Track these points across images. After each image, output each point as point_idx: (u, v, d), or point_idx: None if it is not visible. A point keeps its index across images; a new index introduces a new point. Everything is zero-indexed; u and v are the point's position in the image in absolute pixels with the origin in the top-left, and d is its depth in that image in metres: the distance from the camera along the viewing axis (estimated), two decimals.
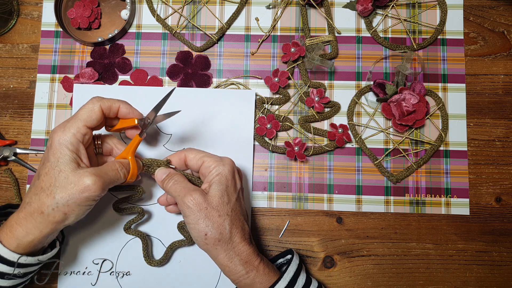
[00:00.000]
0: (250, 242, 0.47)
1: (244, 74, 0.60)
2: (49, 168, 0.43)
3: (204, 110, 0.58)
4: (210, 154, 0.48)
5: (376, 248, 0.57)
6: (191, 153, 0.49)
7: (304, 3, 0.60)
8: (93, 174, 0.43)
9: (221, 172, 0.46)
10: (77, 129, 0.44)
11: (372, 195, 0.58)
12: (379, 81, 0.58)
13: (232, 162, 0.48)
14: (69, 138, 0.43)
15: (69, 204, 0.42)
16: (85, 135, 0.44)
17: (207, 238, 0.44)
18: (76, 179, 0.42)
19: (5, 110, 0.60)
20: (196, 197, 0.44)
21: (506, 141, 0.59)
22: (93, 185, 0.42)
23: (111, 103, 0.46)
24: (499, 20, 0.61)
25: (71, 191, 0.42)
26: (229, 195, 0.46)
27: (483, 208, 0.58)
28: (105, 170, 0.44)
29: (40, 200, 0.42)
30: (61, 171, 0.42)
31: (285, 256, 0.53)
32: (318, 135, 0.59)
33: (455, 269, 0.57)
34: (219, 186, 0.46)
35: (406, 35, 0.61)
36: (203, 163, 0.47)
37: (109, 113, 0.47)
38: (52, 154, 0.43)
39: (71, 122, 0.44)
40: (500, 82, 0.60)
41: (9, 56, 0.61)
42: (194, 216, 0.44)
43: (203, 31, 0.61)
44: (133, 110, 0.48)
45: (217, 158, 0.48)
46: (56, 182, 0.42)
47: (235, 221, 0.46)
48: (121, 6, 0.62)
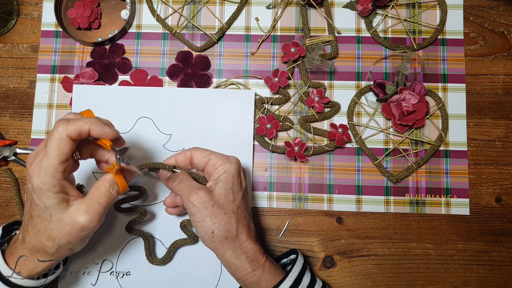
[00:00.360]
0: (256, 240, 0.47)
1: (244, 74, 0.60)
2: (39, 212, 0.41)
3: (203, 110, 0.58)
4: (216, 153, 0.48)
5: (376, 248, 0.57)
6: (197, 151, 0.49)
7: (304, 3, 0.60)
8: (86, 212, 0.41)
9: (227, 170, 0.46)
10: (53, 169, 0.40)
11: (372, 195, 0.58)
12: (379, 81, 0.58)
13: (238, 161, 0.48)
14: (49, 181, 0.40)
15: (71, 242, 0.42)
16: (64, 170, 0.41)
17: (214, 235, 0.45)
18: (70, 220, 0.41)
19: (5, 110, 0.60)
20: (202, 195, 0.44)
21: (506, 141, 0.59)
22: (90, 223, 0.41)
23: (79, 127, 0.41)
24: (499, 20, 0.61)
25: (69, 233, 0.41)
26: (235, 193, 0.46)
27: (483, 208, 0.58)
28: (96, 198, 0.42)
29: (41, 242, 0.42)
30: (53, 214, 0.41)
31: (288, 256, 0.53)
32: (318, 135, 0.59)
33: (455, 269, 0.57)
34: (225, 184, 0.46)
35: (406, 35, 0.61)
36: (209, 161, 0.47)
37: (80, 137, 0.41)
38: (37, 198, 0.41)
39: (45, 162, 0.40)
40: (500, 82, 0.60)
41: (9, 56, 0.61)
42: (200, 214, 0.44)
43: (203, 31, 0.61)
44: (105, 130, 0.42)
45: (223, 156, 0.48)
46: (51, 225, 0.41)
47: (241, 219, 0.46)
48: (121, 6, 0.62)
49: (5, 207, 0.58)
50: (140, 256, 0.55)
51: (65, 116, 0.43)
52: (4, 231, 0.48)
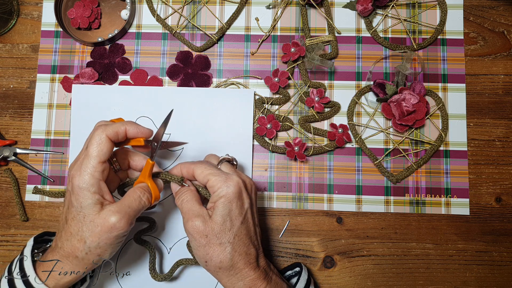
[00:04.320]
0: (256, 266, 0.45)
1: (244, 74, 0.60)
2: (74, 214, 0.43)
3: (202, 109, 0.58)
4: (216, 172, 0.46)
5: (376, 248, 0.57)
6: (198, 169, 0.47)
7: (304, 3, 0.60)
8: (116, 212, 0.42)
9: (225, 194, 0.44)
10: (93, 168, 0.42)
11: (372, 195, 0.58)
12: (379, 81, 0.58)
13: (239, 181, 0.45)
14: (88, 181, 0.42)
15: (101, 246, 0.42)
16: (103, 171, 0.43)
17: (207, 265, 0.45)
18: (102, 221, 0.42)
19: (5, 110, 0.60)
20: (197, 224, 0.44)
21: (506, 141, 0.59)
22: (119, 223, 0.42)
23: (117, 128, 0.44)
24: (499, 20, 0.61)
25: (99, 234, 0.42)
26: (233, 220, 0.44)
27: (483, 208, 0.58)
28: (127, 203, 0.43)
29: (72, 245, 0.43)
30: (86, 216, 0.42)
31: (293, 269, 0.53)
32: (318, 135, 0.59)
33: (455, 269, 0.57)
34: (222, 210, 0.44)
35: (406, 35, 0.61)
36: (208, 182, 0.46)
37: (118, 138, 0.45)
38: (74, 199, 0.42)
39: (86, 163, 0.43)
40: (500, 82, 0.60)
41: (9, 56, 0.61)
42: (195, 242, 0.44)
43: (203, 31, 0.61)
44: (141, 129, 0.46)
45: (222, 178, 0.45)
46: (84, 227, 0.42)
47: (238, 247, 0.44)
48: (121, 6, 0.62)
49: (5, 207, 0.58)
50: (140, 257, 0.55)
51: (99, 123, 0.46)
52: (36, 242, 0.48)
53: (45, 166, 0.59)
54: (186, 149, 0.58)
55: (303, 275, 0.50)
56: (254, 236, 0.46)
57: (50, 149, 0.59)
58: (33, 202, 0.58)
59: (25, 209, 0.58)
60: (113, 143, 0.44)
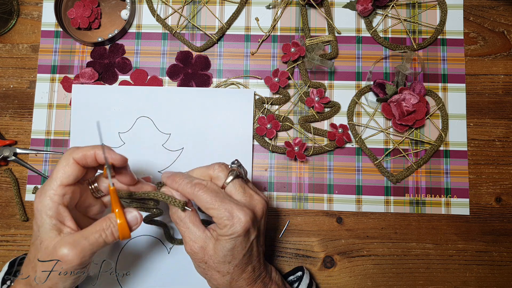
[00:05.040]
0: (254, 282, 0.43)
1: (244, 74, 0.60)
2: (33, 239, 0.40)
3: (202, 109, 0.58)
4: (219, 205, 0.40)
5: (376, 248, 0.57)
6: (199, 201, 0.41)
7: (304, 3, 0.60)
8: (69, 243, 0.38)
9: (232, 233, 0.40)
10: (53, 191, 0.39)
11: (372, 195, 0.58)
12: (379, 81, 0.58)
13: (247, 219, 0.40)
14: (46, 203, 0.39)
15: (50, 278, 0.38)
16: (64, 195, 0.40)
17: (206, 280, 0.44)
18: (53, 249, 0.38)
19: (5, 110, 0.60)
20: (197, 251, 0.42)
21: (506, 141, 0.59)
22: (68, 256, 0.37)
23: (85, 151, 0.40)
24: (499, 20, 0.61)
25: (48, 265, 0.38)
26: (235, 254, 0.41)
27: (483, 208, 0.58)
28: (85, 234, 0.39)
29: (27, 272, 0.40)
30: (42, 241, 0.39)
31: (295, 273, 0.53)
32: (318, 135, 0.59)
33: (455, 269, 0.57)
34: (225, 245, 0.41)
35: (406, 35, 0.61)
36: (213, 218, 0.41)
37: (86, 163, 0.41)
38: (34, 222, 0.40)
39: (47, 184, 0.40)
40: (500, 82, 0.60)
41: (9, 56, 0.61)
42: (194, 263, 0.44)
43: (203, 31, 0.61)
44: (111, 154, 0.41)
45: (227, 215, 0.40)
46: (38, 253, 0.39)
47: (237, 275, 0.42)
48: (121, 6, 0.62)
49: (5, 207, 0.58)
50: (140, 256, 0.55)
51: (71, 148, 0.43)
52: (12, 266, 0.46)
53: (45, 166, 0.59)
54: (186, 149, 0.58)
55: (304, 279, 0.49)
56: (257, 259, 0.44)
57: (50, 149, 0.59)
58: (33, 202, 0.58)
59: (25, 209, 0.58)
60: (81, 167, 0.41)
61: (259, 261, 0.45)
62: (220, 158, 0.57)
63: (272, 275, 0.47)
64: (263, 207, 0.43)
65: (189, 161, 0.57)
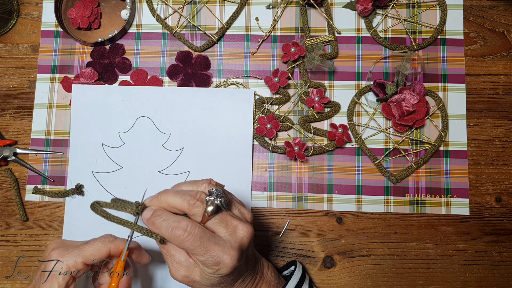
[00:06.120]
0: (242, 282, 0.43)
1: (244, 74, 0.60)
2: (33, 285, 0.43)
3: (202, 109, 0.58)
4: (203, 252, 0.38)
5: (376, 248, 0.57)
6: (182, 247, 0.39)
7: (304, 3, 0.60)
8: None
9: (219, 274, 0.39)
10: (73, 262, 0.42)
11: (372, 195, 0.58)
12: (379, 81, 0.58)
13: (235, 260, 0.39)
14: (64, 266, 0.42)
15: None
16: (80, 270, 0.43)
17: None
18: None
19: (5, 110, 0.60)
20: (181, 280, 0.41)
21: (506, 141, 0.59)
22: None
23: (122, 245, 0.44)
24: (499, 20, 0.61)
25: None
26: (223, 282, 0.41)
27: (483, 208, 0.58)
28: None
29: None
30: None
31: (289, 268, 0.53)
32: (318, 135, 0.59)
33: (455, 269, 0.57)
34: (213, 279, 0.40)
35: (406, 35, 0.61)
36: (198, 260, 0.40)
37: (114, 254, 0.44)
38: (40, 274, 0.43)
39: (73, 252, 0.43)
40: (500, 82, 0.60)
41: (9, 56, 0.61)
42: None
43: (203, 31, 0.61)
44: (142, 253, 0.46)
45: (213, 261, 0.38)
46: None
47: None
48: (121, 6, 0.62)
49: (5, 207, 0.58)
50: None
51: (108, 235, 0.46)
52: None
53: (45, 166, 0.59)
54: (186, 149, 0.58)
55: (296, 273, 0.49)
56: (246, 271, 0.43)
57: (50, 149, 0.59)
58: (33, 202, 0.58)
59: (25, 209, 0.58)
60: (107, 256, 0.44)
61: (248, 269, 0.44)
62: (220, 158, 0.57)
63: (264, 272, 0.47)
64: (250, 235, 0.40)
65: (189, 161, 0.57)
